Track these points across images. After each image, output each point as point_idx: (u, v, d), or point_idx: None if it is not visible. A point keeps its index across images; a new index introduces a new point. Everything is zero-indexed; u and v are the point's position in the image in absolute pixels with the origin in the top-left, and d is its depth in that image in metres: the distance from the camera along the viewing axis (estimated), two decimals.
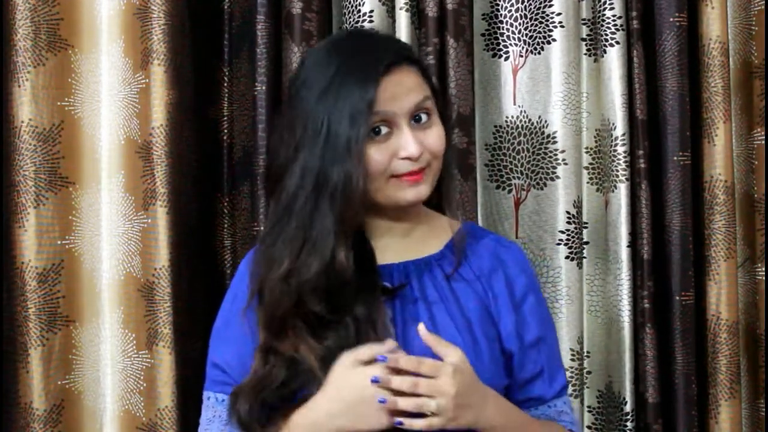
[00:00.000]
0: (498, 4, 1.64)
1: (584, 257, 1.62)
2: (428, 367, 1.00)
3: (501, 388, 1.13)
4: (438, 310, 1.13)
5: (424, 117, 1.12)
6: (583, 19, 1.63)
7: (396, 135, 1.10)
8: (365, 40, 1.20)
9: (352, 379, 1.03)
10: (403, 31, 1.53)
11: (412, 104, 1.11)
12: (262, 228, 1.52)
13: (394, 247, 1.17)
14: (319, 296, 1.08)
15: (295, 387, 1.08)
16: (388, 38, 1.44)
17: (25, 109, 1.47)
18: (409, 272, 1.16)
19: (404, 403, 0.99)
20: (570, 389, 1.56)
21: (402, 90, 1.11)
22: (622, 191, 1.58)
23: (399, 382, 1.00)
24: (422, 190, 1.12)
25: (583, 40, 1.63)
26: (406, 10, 1.54)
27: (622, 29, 1.59)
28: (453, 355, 1.01)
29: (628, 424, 1.58)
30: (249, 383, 1.09)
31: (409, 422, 0.99)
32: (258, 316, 1.12)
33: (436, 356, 1.04)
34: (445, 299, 1.14)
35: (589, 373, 1.62)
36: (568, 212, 1.59)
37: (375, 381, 1.01)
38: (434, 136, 1.12)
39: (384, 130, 1.10)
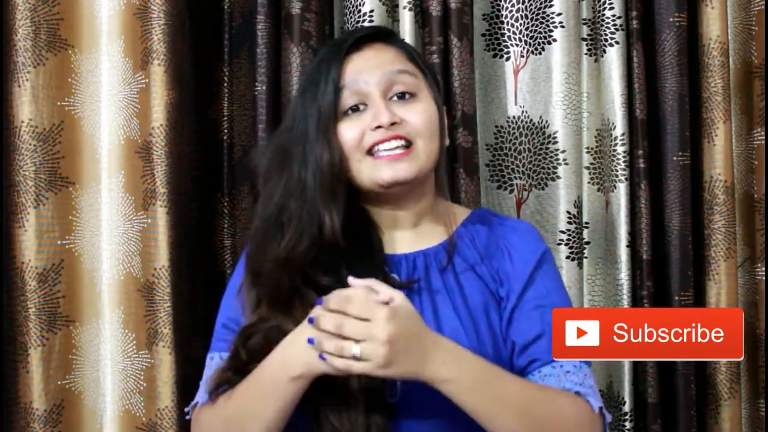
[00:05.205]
0: (499, 5, 1.64)
1: (585, 257, 1.62)
2: (356, 307, 0.93)
3: None
4: (442, 300, 1.11)
5: (408, 95, 1.11)
6: (584, 19, 1.63)
7: (370, 109, 1.10)
8: (351, 30, 1.22)
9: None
10: (406, 31, 1.53)
11: (384, 76, 1.10)
12: None
13: (404, 239, 1.17)
14: (324, 270, 1.07)
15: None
16: (372, 26, 1.48)
17: (25, 109, 1.47)
18: (417, 263, 1.14)
19: (327, 345, 0.93)
20: None
21: (371, 64, 1.11)
22: (621, 191, 1.58)
23: (325, 321, 0.94)
24: (401, 169, 1.08)
25: (584, 40, 1.63)
26: (410, 9, 1.53)
27: (622, 29, 1.59)
28: (396, 298, 0.94)
29: (627, 424, 1.58)
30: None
31: (330, 360, 0.93)
32: (252, 296, 1.10)
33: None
34: (450, 290, 1.11)
35: None
36: (568, 212, 1.59)
37: (310, 321, 0.96)
38: (417, 110, 1.10)
39: (361, 108, 1.10)
